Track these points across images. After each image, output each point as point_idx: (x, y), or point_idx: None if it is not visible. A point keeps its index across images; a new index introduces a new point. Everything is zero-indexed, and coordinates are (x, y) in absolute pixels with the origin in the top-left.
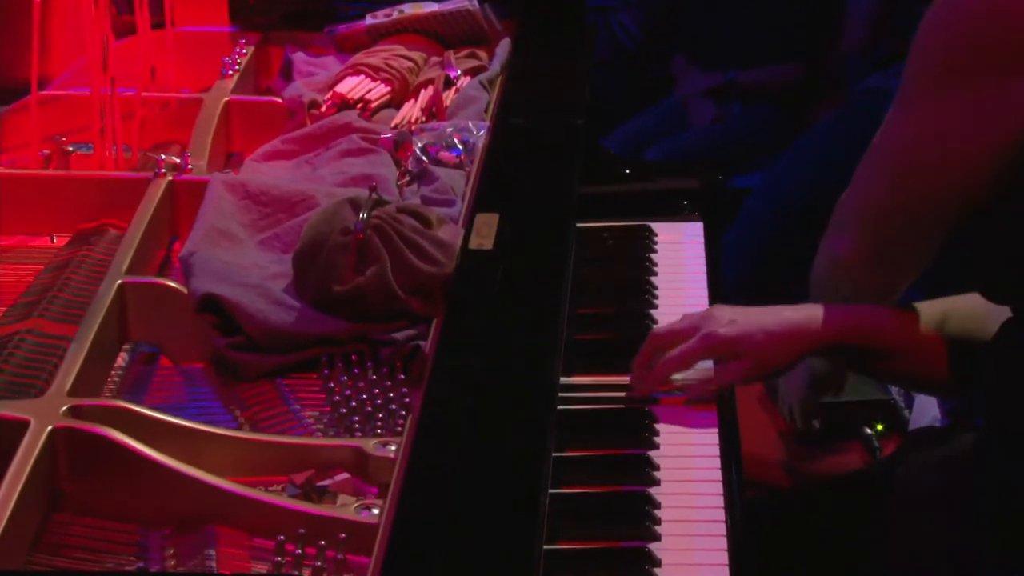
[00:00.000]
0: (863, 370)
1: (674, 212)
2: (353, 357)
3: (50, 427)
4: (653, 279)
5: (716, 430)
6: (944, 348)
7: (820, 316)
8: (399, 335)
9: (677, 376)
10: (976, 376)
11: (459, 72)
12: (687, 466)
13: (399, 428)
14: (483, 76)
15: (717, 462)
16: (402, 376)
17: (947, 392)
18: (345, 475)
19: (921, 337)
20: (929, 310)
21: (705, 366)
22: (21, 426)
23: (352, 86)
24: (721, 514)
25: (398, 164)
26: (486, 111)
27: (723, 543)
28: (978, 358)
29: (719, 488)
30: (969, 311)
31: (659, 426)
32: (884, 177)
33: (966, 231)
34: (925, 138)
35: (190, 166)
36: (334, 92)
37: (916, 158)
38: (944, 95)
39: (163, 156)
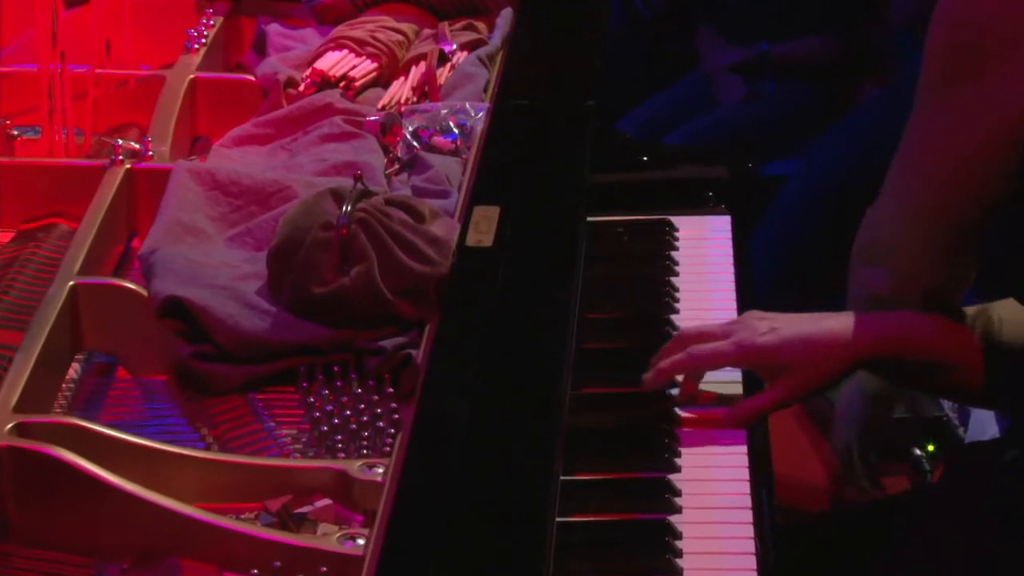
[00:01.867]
0: (910, 384)
1: (698, 204)
2: (335, 368)
3: None
4: (674, 280)
5: (745, 449)
6: (998, 356)
7: (864, 325)
8: (387, 343)
9: (703, 385)
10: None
11: (455, 46)
12: (712, 491)
13: (387, 448)
14: (482, 51)
15: (746, 486)
16: (391, 390)
17: (1005, 407)
18: (326, 501)
19: (977, 346)
20: (980, 315)
21: (730, 377)
22: None
23: (334, 62)
24: (750, 545)
25: (386, 150)
26: (485, 90)
27: None
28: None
29: (748, 515)
30: (1018, 318)
31: (680, 446)
32: (923, 179)
33: (999, 233)
34: (934, 139)
35: (151, 152)
36: (314, 69)
37: (945, 156)
38: (941, 96)
39: (120, 141)
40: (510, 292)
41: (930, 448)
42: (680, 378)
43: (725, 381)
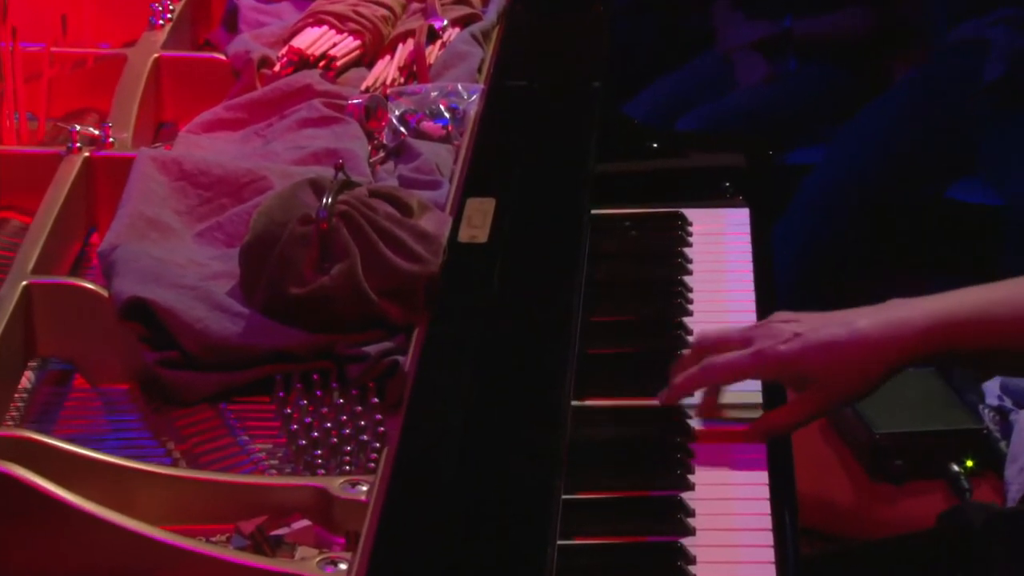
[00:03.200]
0: (970, 367)
1: (713, 196)
2: (314, 376)
3: None
4: (687, 279)
5: (765, 465)
6: None
7: (908, 319)
8: (372, 349)
9: (723, 399)
10: None
11: (446, 22)
12: (729, 511)
13: (371, 465)
14: (476, 27)
15: (766, 506)
16: (375, 400)
17: None
18: (305, 522)
19: None
20: None
21: (751, 387)
22: None
23: (313, 39)
24: (772, 571)
25: (370, 137)
26: (479, 71)
27: None
28: None
29: (768, 538)
30: None
31: (695, 462)
32: None
33: None
34: None
35: (111, 139)
36: (290, 47)
37: None
38: None
39: (77, 127)
40: (507, 293)
41: (969, 464)
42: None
43: (745, 391)
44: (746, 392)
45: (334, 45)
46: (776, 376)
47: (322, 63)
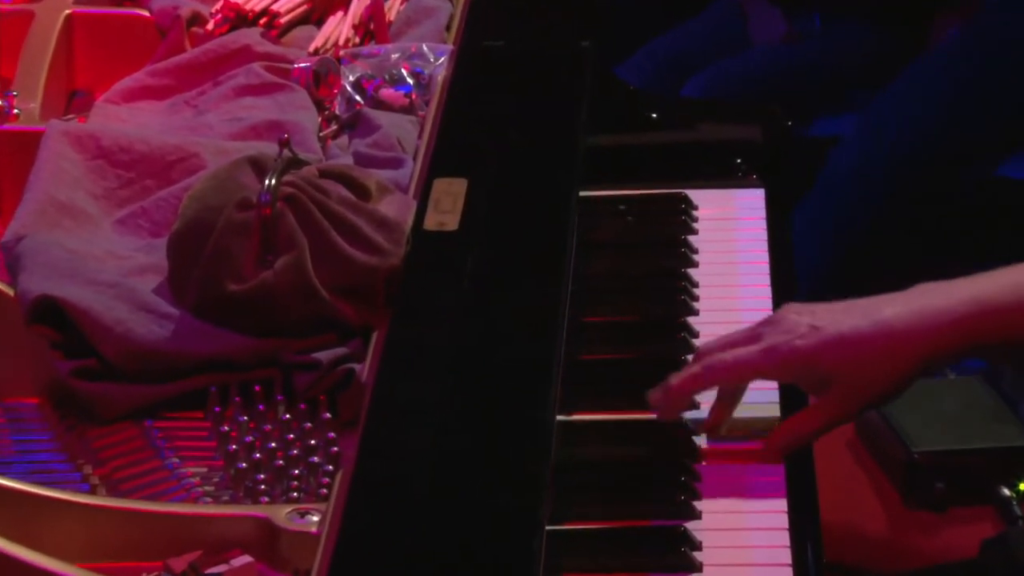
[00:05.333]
0: (1017, 363)
1: (723, 174)
2: (256, 388)
3: None
4: (691, 272)
5: (783, 490)
6: None
7: (941, 307)
8: (323, 356)
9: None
10: None
11: None
12: (742, 543)
13: (323, 491)
14: None
15: (785, 538)
16: (327, 416)
17: None
18: (246, 558)
19: None
20: None
21: (766, 399)
22: None
23: None
24: None
25: (320, 106)
26: (448, 29)
27: None
28: None
29: (788, 575)
30: None
31: (701, 486)
32: None
33: None
34: None
35: (16, 110)
36: (226, 2)
37: None
38: None
39: None
40: (481, 289)
41: (1022, 487)
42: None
43: (760, 403)
44: (761, 404)
45: None
46: (791, 376)
47: (263, 20)
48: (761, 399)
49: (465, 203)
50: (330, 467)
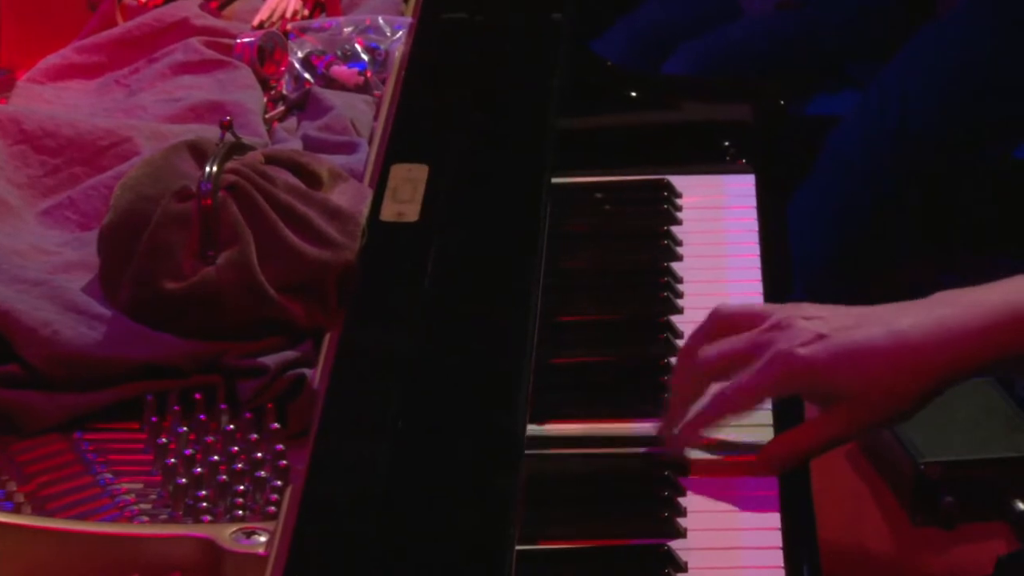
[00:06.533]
0: None
1: (709, 158)
2: (197, 396)
3: None
4: (675, 266)
5: (777, 505)
6: None
7: (963, 319)
8: (270, 360)
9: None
10: None
11: None
12: (731, 563)
13: (271, 508)
14: None
15: (779, 558)
16: (276, 426)
17: None
18: None
19: None
20: None
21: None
22: None
23: None
24: None
25: (266, 85)
26: (406, 0)
27: None
28: None
29: None
30: None
31: (687, 501)
32: None
33: None
34: None
35: None
36: None
37: None
38: None
39: None
40: (444, 286)
41: None
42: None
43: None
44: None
45: None
46: (795, 388)
47: None
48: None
49: (426, 191)
50: (278, 482)
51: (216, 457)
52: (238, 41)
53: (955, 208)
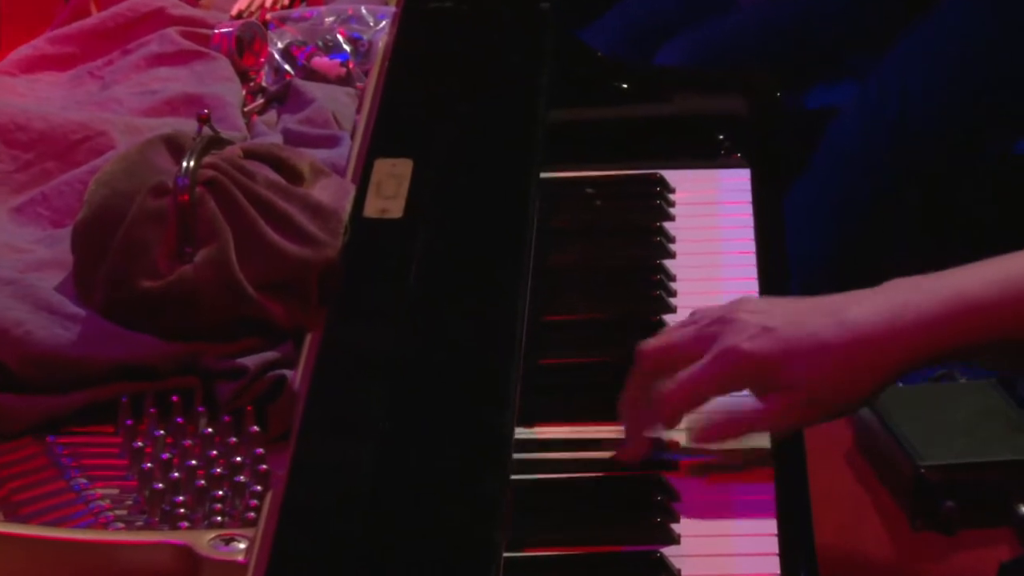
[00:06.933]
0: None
1: (704, 153)
2: (174, 399)
3: None
4: (668, 264)
5: (773, 511)
6: None
7: (915, 305)
8: (250, 361)
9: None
10: None
11: None
12: (726, 570)
13: (251, 515)
14: None
15: (775, 564)
16: (255, 429)
17: None
18: None
19: None
20: None
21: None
22: None
23: None
24: None
25: (245, 77)
26: None
27: None
28: None
29: None
30: None
31: (680, 506)
32: None
33: None
34: None
35: None
36: None
37: None
38: None
39: None
40: (429, 285)
41: None
42: None
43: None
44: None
45: None
46: (741, 383)
47: None
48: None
49: (410, 187)
50: (258, 487)
51: (194, 461)
52: (216, 31)
53: (955, 204)
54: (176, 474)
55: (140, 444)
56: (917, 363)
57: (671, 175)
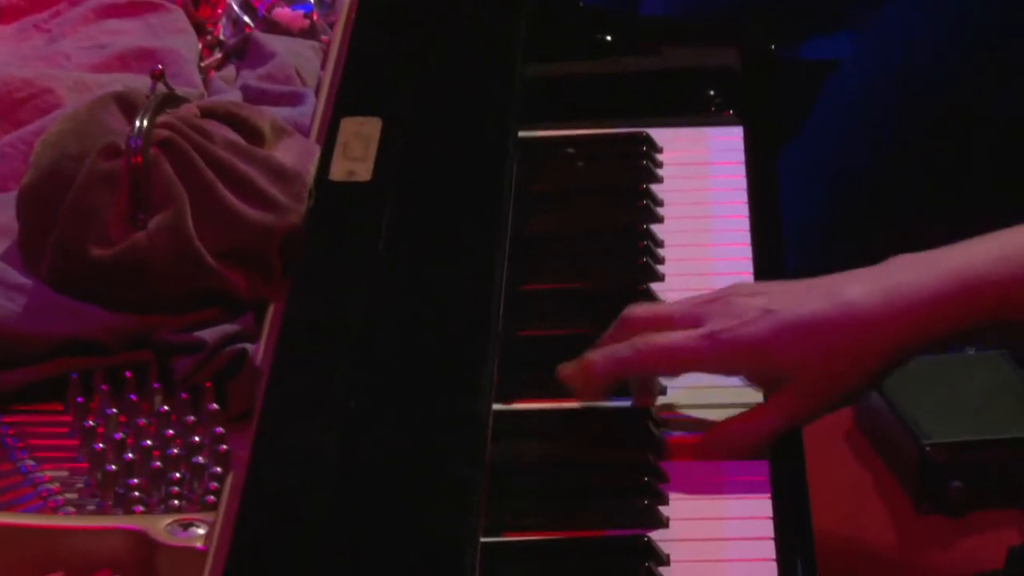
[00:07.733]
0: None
1: (693, 110)
2: (127, 375)
3: None
4: (655, 229)
5: (768, 491)
6: None
7: (917, 284)
8: (208, 334)
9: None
10: None
11: None
12: (718, 555)
13: (210, 498)
14: None
15: (771, 549)
16: (215, 407)
17: None
18: None
19: None
20: None
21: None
22: None
23: None
24: None
25: (201, 29)
26: None
27: None
28: None
29: None
30: None
31: (669, 488)
32: None
33: None
34: None
35: None
36: None
37: None
38: None
39: None
40: (400, 252)
41: None
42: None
43: (741, 388)
44: (743, 389)
45: None
46: (736, 369)
47: None
48: (738, 381)
49: (379, 147)
50: (218, 469)
51: (149, 442)
52: None
53: (968, 163)
54: (130, 455)
55: (91, 423)
56: (920, 344)
57: (658, 134)
